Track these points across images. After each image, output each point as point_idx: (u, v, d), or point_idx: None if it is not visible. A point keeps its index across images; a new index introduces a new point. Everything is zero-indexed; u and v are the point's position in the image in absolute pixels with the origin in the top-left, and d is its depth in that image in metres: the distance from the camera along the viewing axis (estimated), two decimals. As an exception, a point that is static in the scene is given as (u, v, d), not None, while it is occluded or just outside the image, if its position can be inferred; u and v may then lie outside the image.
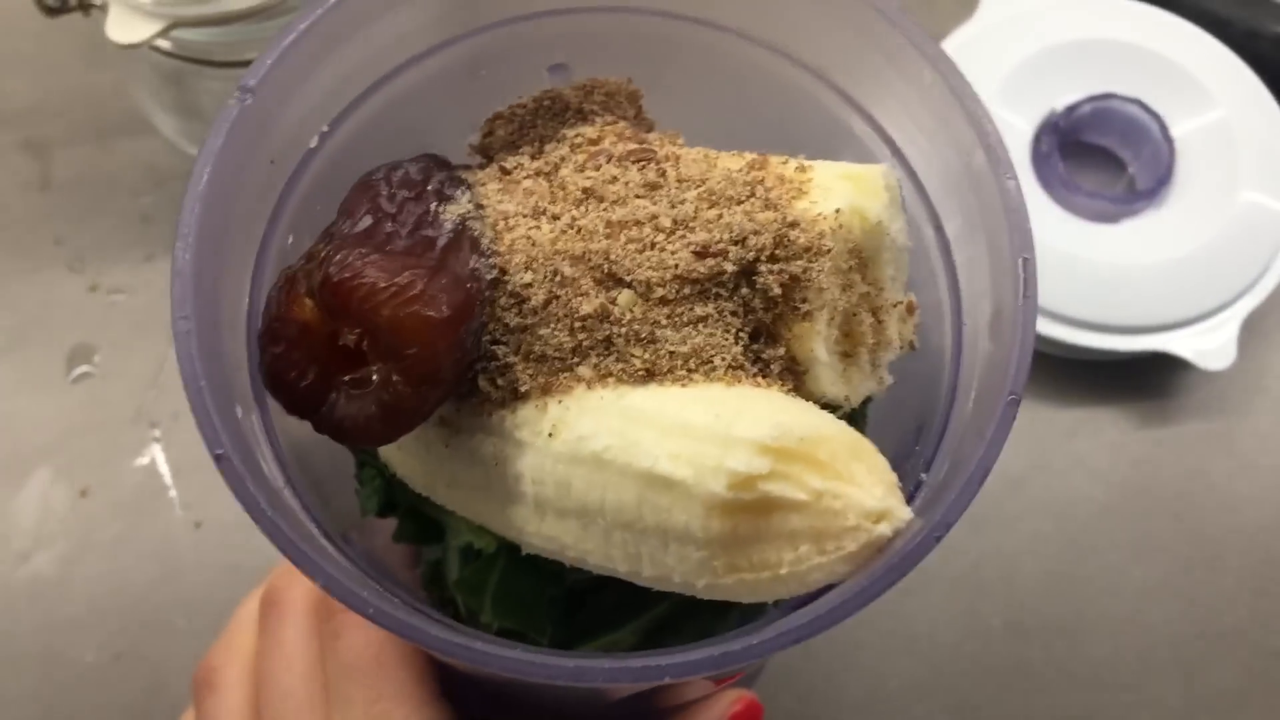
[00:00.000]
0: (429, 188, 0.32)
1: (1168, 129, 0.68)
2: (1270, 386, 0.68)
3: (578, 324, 0.30)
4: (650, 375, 0.30)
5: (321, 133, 0.33)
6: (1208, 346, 0.64)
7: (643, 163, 0.33)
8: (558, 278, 0.30)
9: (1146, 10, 0.72)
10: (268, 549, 0.27)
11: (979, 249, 0.31)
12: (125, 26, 0.56)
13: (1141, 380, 0.68)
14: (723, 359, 0.30)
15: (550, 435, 0.30)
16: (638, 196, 0.32)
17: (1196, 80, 0.69)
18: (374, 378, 0.29)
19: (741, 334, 0.30)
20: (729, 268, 0.30)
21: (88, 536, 0.63)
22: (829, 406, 0.31)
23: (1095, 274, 0.65)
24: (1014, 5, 0.72)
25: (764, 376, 0.30)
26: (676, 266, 0.30)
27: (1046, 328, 0.65)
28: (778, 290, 0.30)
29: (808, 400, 0.31)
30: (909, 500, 0.30)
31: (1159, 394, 0.67)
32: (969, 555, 0.63)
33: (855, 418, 0.36)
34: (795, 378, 0.31)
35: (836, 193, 0.31)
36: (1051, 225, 0.67)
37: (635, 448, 0.28)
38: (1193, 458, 0.66)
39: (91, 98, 0.75)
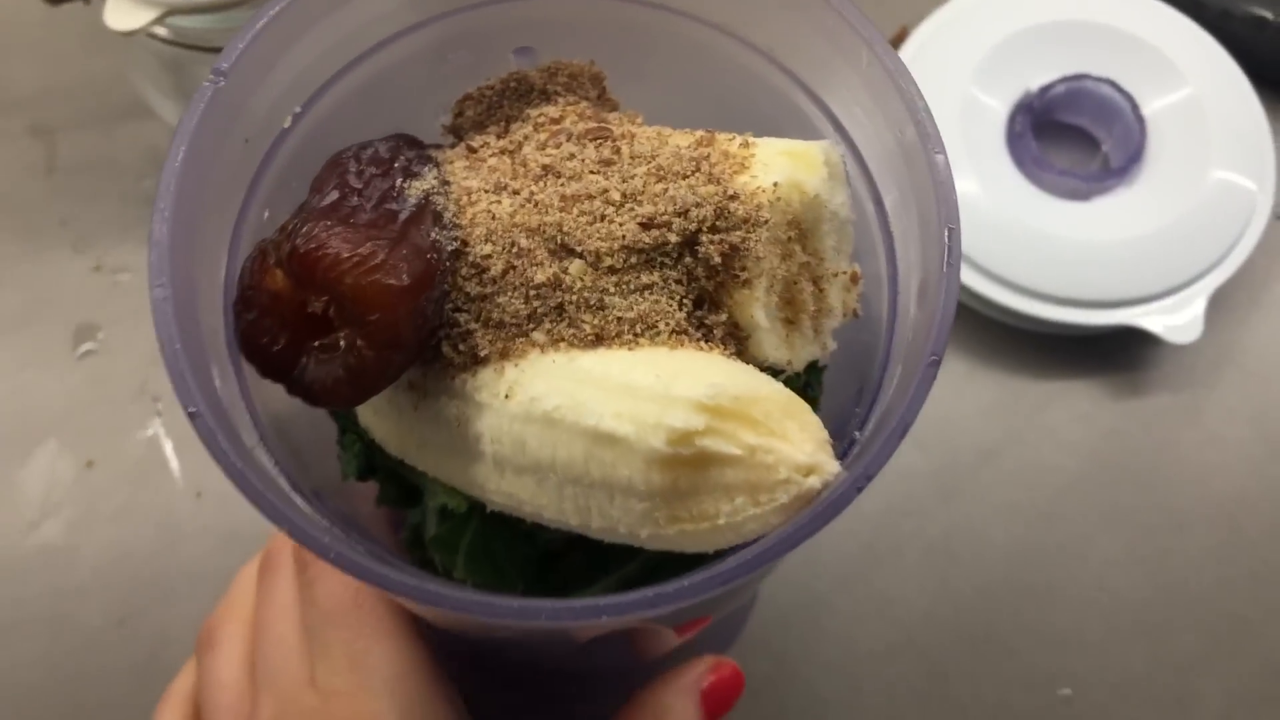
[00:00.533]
0: (396, 165, 0.33)
1: (1139, 108, 0.69)
2: (1237, 360, 0.69)
3: (532, 292, 0.32)
4: (599, 340, 0.31)
5: (295, 113, 0.35)
6: (1176, 321, 0.65)
7: (599, 140, 0.35)
8: (515, 249, 0.32)
9: (1121, -9, 0.73)
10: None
11: (911, 220, 0.33)
12: (122, 14, 0.58)
13: (1111, 354, 0.69)
14: (667, 324, 0.31)
15: (507, 397, 0.31)
16: (592, 172, 0.33)
17: (1169, 60, 0.70)
18: (340, 343, 0.30)
19: (685, 301, 0.32)
20: (672, 238, 0.32)
21: (93, 506, 0.65)
22: (773, 370, 0.33)
23: (1067, 250, 0.66)
24: (990, -12, 0.73)
25: (707, 341, 0.32)
26: (624, 237, 0.32)
27: (1019, 303, 0.66)
28: (718, 259, 0.31)
29: (750, 364, 0.32)
30: (843, 457, 0.31)
31: (1129, 368, 0.69)
32: (942, 524, 0.64)
33: (810, 384, 0.38)
34: (738, 342, 0.33)
35: (776, 167, 0.33)
36: (1025, 203, 0.68)
37: (582, 407, 0.30)
38: (1161, 430, 0.67)
39: (95, 84, 0.77)
